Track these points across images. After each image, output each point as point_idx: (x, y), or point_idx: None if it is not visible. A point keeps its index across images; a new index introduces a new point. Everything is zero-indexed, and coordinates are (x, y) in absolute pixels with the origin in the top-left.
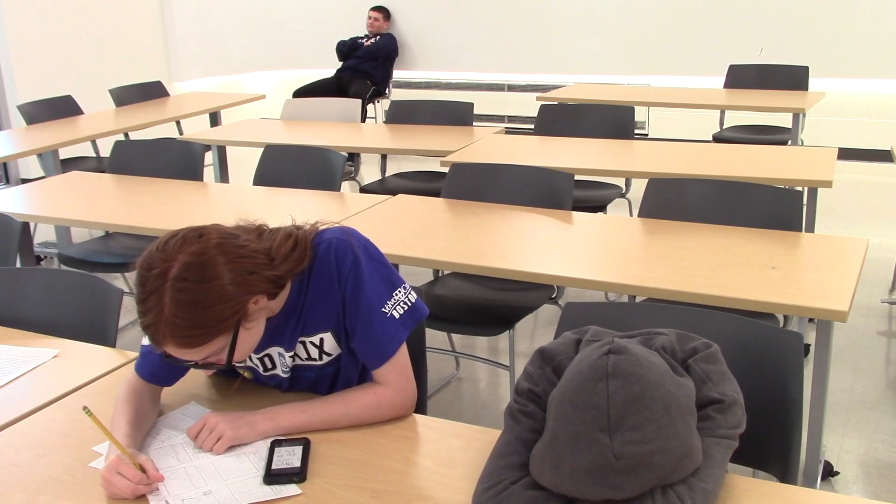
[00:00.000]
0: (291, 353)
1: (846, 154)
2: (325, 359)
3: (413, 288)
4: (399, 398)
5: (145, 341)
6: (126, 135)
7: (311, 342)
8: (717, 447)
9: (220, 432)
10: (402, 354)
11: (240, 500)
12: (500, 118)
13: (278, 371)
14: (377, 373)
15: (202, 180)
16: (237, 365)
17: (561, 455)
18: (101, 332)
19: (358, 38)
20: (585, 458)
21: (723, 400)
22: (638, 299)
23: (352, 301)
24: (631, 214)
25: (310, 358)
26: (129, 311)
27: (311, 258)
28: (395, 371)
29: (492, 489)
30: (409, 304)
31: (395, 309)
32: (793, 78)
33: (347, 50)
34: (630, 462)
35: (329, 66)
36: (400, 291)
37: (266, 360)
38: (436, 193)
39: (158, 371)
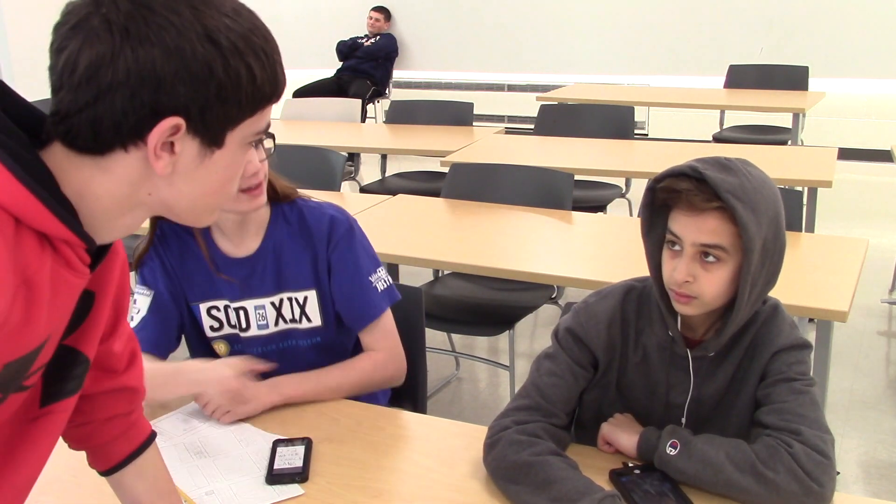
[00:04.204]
0: (273, 300)
1: (846, 154)
2: (306, 324)
3: (413, 288)
4: (392, 362)
5: (135, 317)
6: None
7: (295, 298)
8: (815, 405)
9: (227, 408)
10: (390, 319)
11: (242, 500)
12: (500, 118)
13: (253, 329)
14: (368, 339)
15: None
16: (214, 336)
17: None
18: None
19: (358, 38)
20: (704, 161)
21: (811, 346)
22: None
23: (341, 263)
24: (631, 214)
25: (292, 319)
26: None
27: (292, 212)
28: (385, 336)
29: (494, 426)
30: (387, 284)
31: (378, 282)
32: (793, 78)
33: (347, 50)
34: (730, 165)
35: (329, 66)
36: (381, 270)
37: (241, 314)
38: (436, 193)
39: (154, 338)
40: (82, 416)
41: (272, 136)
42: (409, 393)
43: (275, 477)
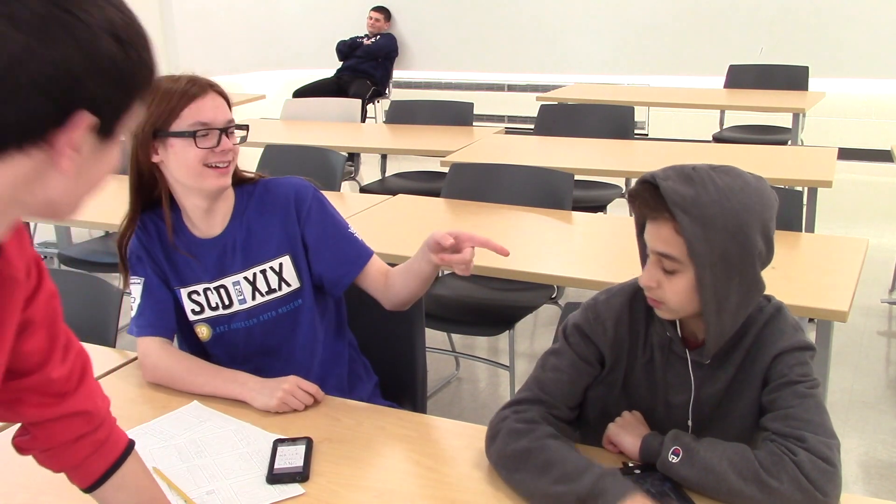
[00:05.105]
0: (246, 275)
1: (846, 154)
2: (285, 289)
3: None
4: None
5: (133, 307)
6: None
7: (272, 267)
8: (820, 409)
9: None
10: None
11: (243, 499)
12: (500, 118)
13: (235, 305)
14: (372, 276)
15: None
16: (196, 319)
17: None
18: (101, 332)
19: (358, 37)
20: (673, 169)
21: (815, 349)
22: None
23: (321, 224)
24: (630, 214)
25: (270, 290)
26: (128, 311)
27: (255, 189)
28: (385, 266)
29: (494, 419)
30: (361, 238)
31: (356, 234)
32: (793, 78)
33: (347, 49)
34: (693, 175)
35: (329, 66)
36: (351, 227)
37: (222, 292)
38: (436, 193)
39: (153, 321)
40: (42, 443)
41: (245, 127)
42: (409, 393)
43: (275, 476)
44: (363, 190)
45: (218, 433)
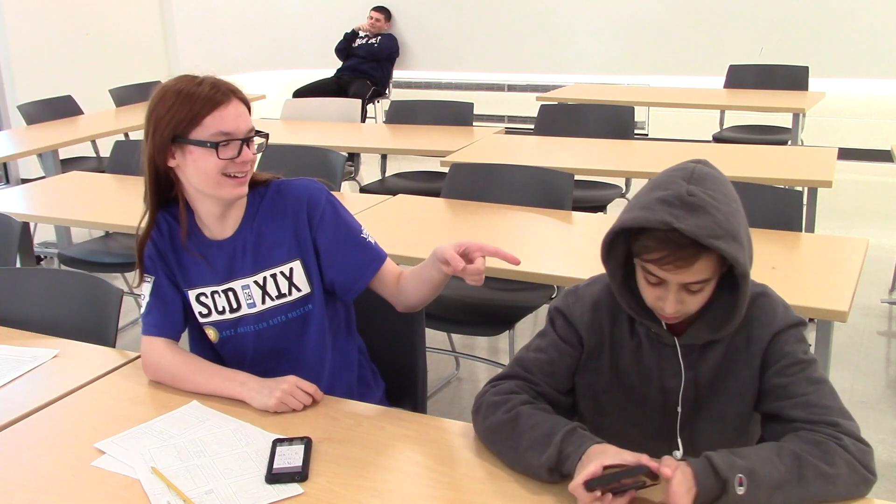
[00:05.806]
0: (256, 279)
1: (846, 154)
2: (295, 294)
3: None
4: None
5: (143, 305)
6: (126, 135)
7: (282, 272)
8: (835, 394)
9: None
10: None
11: (242, 499)
12: (500, 118)
13: (244, 308)
14: (386, 279)
15: None
16: (204, 322)
17: (640, 195)
18: (101, 332)
19: (356, 30)
20: (661, 193)
21: (807, 323)
22: None
23: (331, 229)
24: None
25: (280, 294)
26: (129, 311)
27: (267, 192)
28: (396, 267)
29: (477, 396)
30: (374, 241)
31: (369, 238)
32: (793, 78)
33: (346, 45)
34: (697, 200)
35: (329, 66)
36: (365, 230)
37: (230, 295)
38: (436, 193)
39: (158, 321)
40: None
41: (266, 135)
42: (409, 393)
43: (274, 476)
44: (363, 190)
45: (217, 433)
